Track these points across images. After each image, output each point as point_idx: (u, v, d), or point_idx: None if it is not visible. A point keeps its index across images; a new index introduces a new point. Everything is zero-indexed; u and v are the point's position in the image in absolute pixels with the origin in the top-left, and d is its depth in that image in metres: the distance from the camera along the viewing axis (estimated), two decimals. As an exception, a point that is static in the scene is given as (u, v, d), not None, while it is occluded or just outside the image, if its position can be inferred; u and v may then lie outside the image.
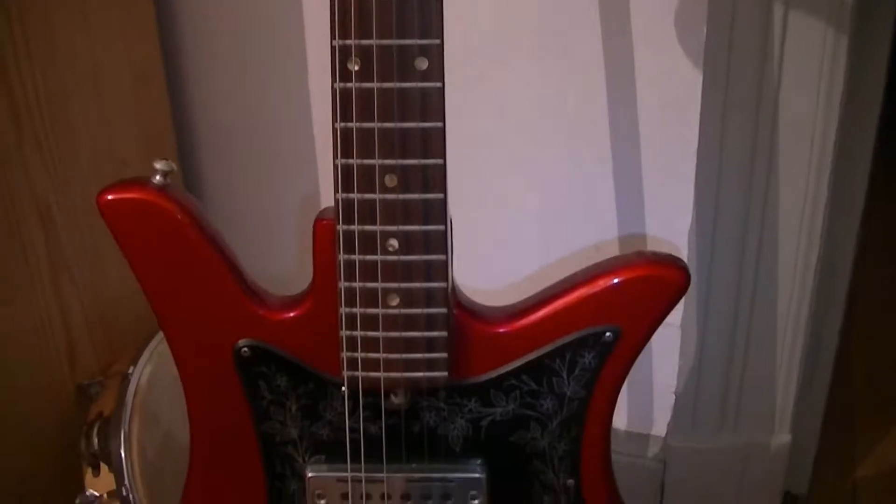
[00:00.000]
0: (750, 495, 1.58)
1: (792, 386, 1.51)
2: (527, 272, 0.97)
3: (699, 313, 1.44)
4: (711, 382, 1.49)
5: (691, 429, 1.54)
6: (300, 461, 0.95)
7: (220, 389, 0.93)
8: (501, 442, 0.93)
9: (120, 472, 1.29)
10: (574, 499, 0.95)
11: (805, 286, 1.41)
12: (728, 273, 1.40)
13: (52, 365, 1.39)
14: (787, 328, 1.45)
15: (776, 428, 1.54)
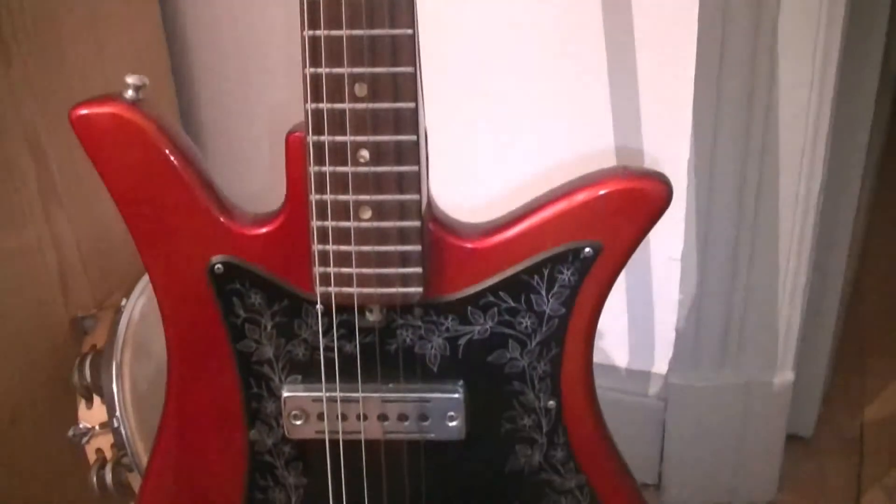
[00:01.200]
0: (753, 435, 1.56)
1: (795, 322, 1.49)
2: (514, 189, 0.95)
3: (699, 246, 1.41)
4: (712, 318, 1.47)
5: (692, 366, 1.52)
6: (276, 381, 0.93)
7: (195, 308, 0.92)
8: (480, 362, 0.91)
9: (111, 404, 1.29)
10: (555, 421, 0.94)
11: (807, 216, 1.39)
12: (728, 204, 1.38)
13: (46, 297, 1.38)
14: (790, 261, 1.42)
15: (779, 365, 1.52)
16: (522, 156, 1.44)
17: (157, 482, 1.02)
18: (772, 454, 1.59)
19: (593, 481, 0.97)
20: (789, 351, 1.51)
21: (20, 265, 1.34)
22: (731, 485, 1.61)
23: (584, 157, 1.38)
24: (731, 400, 1.53)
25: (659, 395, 1.56)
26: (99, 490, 1.29)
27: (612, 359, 1.55)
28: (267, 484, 0.98)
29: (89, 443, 1.33)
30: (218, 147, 1.68)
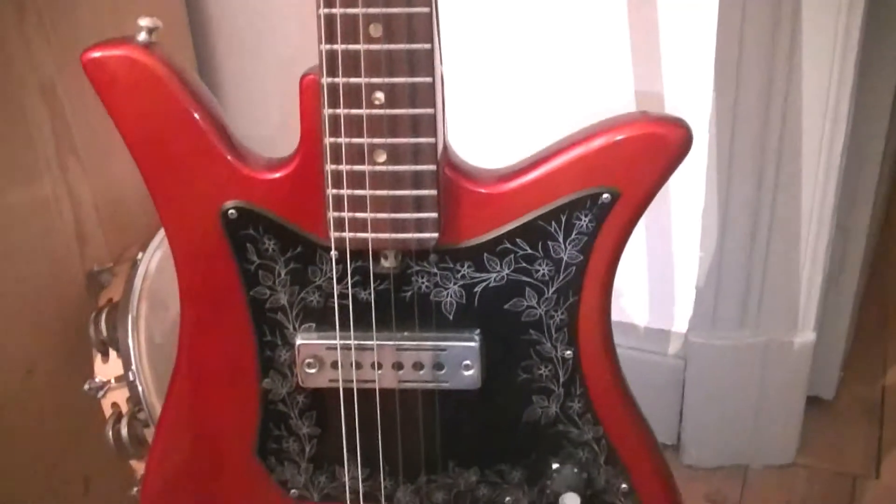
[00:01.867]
0: (773, 395, 1.55)
1: (817, 282, 1.47)
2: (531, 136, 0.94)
3: (720, 203, 1.40)
4: (733, 276, 1.45)
5: (712, 325, 1.50)
6: (290, 329, 0.92)
7: (209, 254, 0.91)
8: (496, 310, 0.90)
9: (127, 357, 1.28)
10: (572, 371, 0.92)
11: (830, 174, 1.37)
12: (750, 160, 1.36)
13: (61, 250, 1.38)
14: (812, 219, 1.41)
15: (800, 326, 1.50)
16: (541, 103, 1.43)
17: (169, 432, 1.01)
18: (791, 416, 1.58)
19: (610, 434, 0.95)
20: (810, 311, 1.49)
21: (36, 219, 1.33)
22: (750, 446, 1.60)
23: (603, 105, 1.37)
24: (751, 360, 1.51)
25: (678, 355, 1.54)
26: (115, 444, 1.29)
27: (631, 317, 1.54)
28: (280, 434, 0.97)
29: (105, 397, 1.32)
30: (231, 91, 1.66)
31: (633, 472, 0.97)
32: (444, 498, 0.98)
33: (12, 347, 1.33)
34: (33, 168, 1.32)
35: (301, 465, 0.98)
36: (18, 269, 1.32)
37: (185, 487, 1.04)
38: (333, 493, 0.99)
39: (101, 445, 1.27)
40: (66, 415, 1.40)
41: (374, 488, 0.99)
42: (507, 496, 0.98)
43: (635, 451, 0.97)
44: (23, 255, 1.32)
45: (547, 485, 0.97)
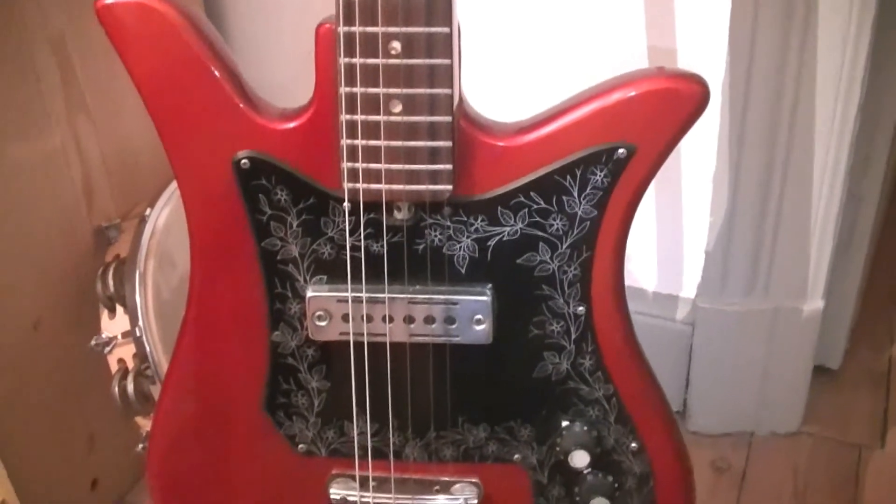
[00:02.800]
0: (780, 363, 1.55)
1: (826, 249, 1.47)
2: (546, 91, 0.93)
3: (731, 168, 1.39)
4: (743, 242, 1.45)
5: (721, 291, 1.50)
6: (301, 281, 0.92)
7: (220, 205, 0.90)
8: (509, 264, 0.90)
9: (134, 313, 1.28)
10: (584, 328, 0.92)
11: (843, 140, 1.36)
12: (762, 125, 1.35)
13: (69, 206, 1.37)
14: (823, 185, 1.40)
15: (809, 293, 1.50)
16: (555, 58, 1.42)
17: (176, 386, 1.01)
18: (798, 384, 1.58)
19: (621, 392, 0.95)
20: (820, 278, 1.49)
21: (44, 173, 1.33)
22: (756, 414, 1.60)
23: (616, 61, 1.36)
24: (759, 326, 1.51)
25: (686, 320, 1.54)
26: (120, 400, 1.29)
27: (639, 282, 1.54)
28: (289, 388, 0.97)
29: (111, 353, 1.32)
30: (245, 41, 1.65)
31: (643, 431, 0.97)
32: (453, 454, 0.98)
33: (19, 301, 1.33)
34: (42, 123, 1.31)
35: (309, 419, 0.98)
36: (26, 223, 1.31)
37: (192, 443, 1.03)
38: (342, 448, 0.99)
39: (107, 402, 1.27)
40: (72, 371, 1.40)
41: (383, 444, 0.98)
42: (516, 453, 0.98)
43: (646, 410, 0.96)
44: (31, 210, 1.32)
45: (556, 442, 0.97)
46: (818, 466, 1.61)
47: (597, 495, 0.98)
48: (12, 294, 1.32)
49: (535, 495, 1.00)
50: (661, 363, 0.96)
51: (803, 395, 1.61)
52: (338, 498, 1.00)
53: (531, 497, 1.00)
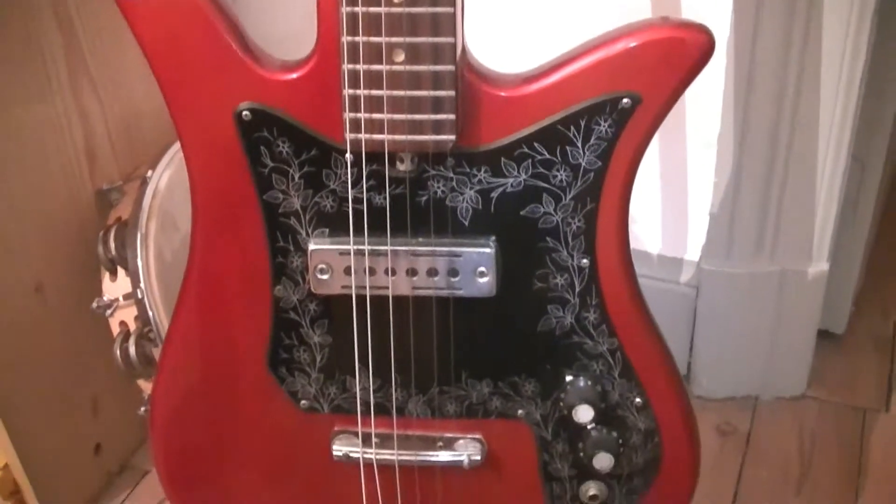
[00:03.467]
0: (785, 326, 1.54)
1: (832, 212, 1.46)
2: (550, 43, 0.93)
3: (736, 129, 1.38)
4: (748, 204, 1.44)
5: (726, 253, 1.49)
6: (303, 234, 0.91)
7: (222, 158, 0.90)
8: (512, 216, 0.89)
9: (135, 275, 1.27)
10: (588, 281, 0.91)
11: (849, 102, 1.35)
12: (768, 85, 1.34)
13: (71, 168, 1.37)
14: (829, 147, 1.39)
15: (814, 256, 1.49)
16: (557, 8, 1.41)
17: (178, 345, 1.00)
18: (803, 347, 1.57)
19: (626, 346, 0.94)
20: (825, 241, 1.48)
21: (46, 136, 1.32)
22: (761, 378, 1.60)
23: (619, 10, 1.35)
24: (764, 289, 1.50)
25: (690, 283, 1.53)
26: (123, 363, 1.28)
27: (643, 245, 1.53)
28: (291, 343, 0.96)
29: (113, 315, 1.31)
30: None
31: (648, 386, 0.96)
32: (456, 410, 0.98)
33: (21, 264, 1.32)
34: (44, 86, 1.31)
35: (311, 375, 0.98)
36: (28, 186, 1.31)
37: (194, 401, 1.03)
38: (344, 404, 0.99)
39: (110, 365, 1.27)
40: (75, 334, 1.40)
41: (386, 399, 0.98)
42: (520, 409, 0.98)
43: (650, 365, 0.96)
44: (32, 172, 1.31)
45: (560, 397, 0.96)
46: (823, 430, 1.60)
47: (601, 451, 0.98)
48: (14, 257, 1.31)
49: (539, 451, 1.00)
50: (665, 327, 0.96)
51: (808, 359, 1.60)
52: (340, 454, 1.00)
53: (535, 453, 1.00)
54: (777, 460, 1.55)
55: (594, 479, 1.01)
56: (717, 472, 1.52)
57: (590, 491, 1.01)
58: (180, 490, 1.09)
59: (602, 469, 0.98)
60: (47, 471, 1.41)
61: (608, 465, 0.98)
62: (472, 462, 0.99)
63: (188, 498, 1.10)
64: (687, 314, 1.55)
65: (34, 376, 1.36)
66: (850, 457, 1.55)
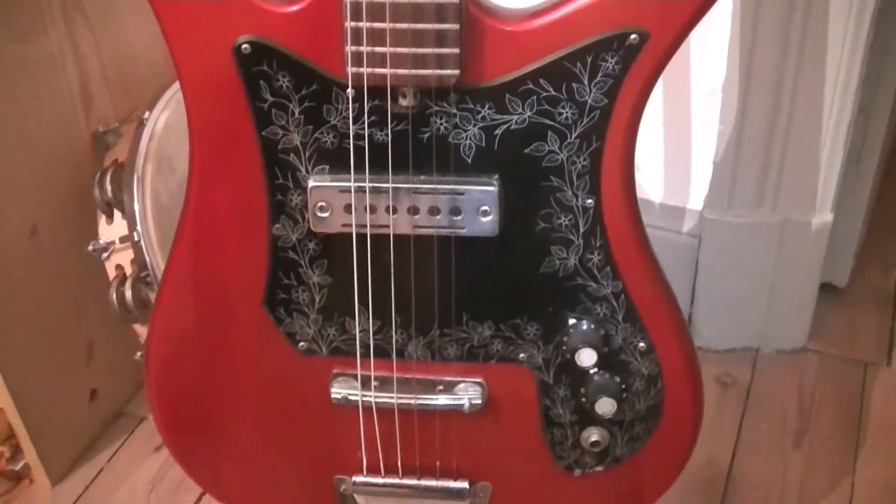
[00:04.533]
0: (787, 277, 1.53)
1: (836, 162, 1.44)
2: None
3: (741, 76, 1.36)
4: (752, 153, 1.42)
5: (729, 203, 1.48)
6: (303, 171, 0.89)
7: (221, 93, 0.88)
8: (517, 154, 0.87)
9: (132, 218, 1.26)
10: (593, 221, 0.90)
11: (856, 50, 1.34)
12: (774, 32, 1.32)
13: (66, 109, 1.35)
14: (835, 97, 1.37)
15: (818, 206, 1.48)
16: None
17: (174, 285, 0.99)
18: (805, 299, 1.56)
19: (630, 288, 0.93)
20: (829, 192, 1.47)
21: (40, 76, 1.30)
22: (762, 329, 1.58)
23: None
24: (767, 239, 1.49)
25: (692, 233, 1.52)
26: (118, 307, 1.27)
27: (645, 193, 1.51)
28: (290, 283, 0.95)
29: (109, 259, 1.30)
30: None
31: (652, 330, 0.95)
32: (457, 353, 0.96)
33: (15, 207, 1.31)
34: (38, 25, 1.29)
35: (310, 316, 0.96)
36: (22, 127, 1.29)
37: (190, 343, 1.02)
38: (343, 346, 0.97)
39: (105, 310, 1.26)
40: (70, 278, 1.38)
41: (385, 342, 0.96)
42: (522, 352, 0.96)
43: (655, 309, 0.94)
44: (27, 113, 1.29)
45: (563, 341, 0.95)
46: (824, 383, 1.60)
47: (603, 396, 0.97)
48: (8, 199, 1.30)
49: (541, 396, 0.99)
50: (666, 275, 0.94)
51: (810, 312, 1.59)
52: (339, 397, 0.99)
53: (536, 398, 0.99)
54: (777, 413, 1.54)
55: (596, 425, 1.00)
56: (717, 424, 1.51)
57: (591, 437, 0.99)
58: (177, 436, 1.08)
59: (604, 415, 0.97)
60: (42, 417, 1.41)
61: (610, 411, 0.97)
62: (472, 406, 0.97)
63: (185, 444, 1.09)
64: (689, 264, 1.53)
65: (28, 321, 1.35)
66: (851, 410, 1.55)
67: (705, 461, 1.45)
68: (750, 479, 1.45)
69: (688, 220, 1.51)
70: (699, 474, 1.44)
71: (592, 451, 1.01)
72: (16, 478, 1.49)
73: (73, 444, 1.50)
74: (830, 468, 1.46)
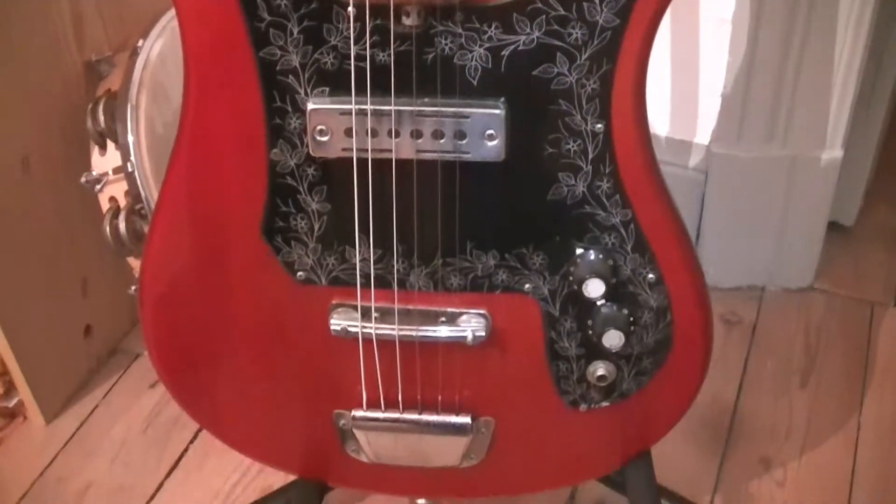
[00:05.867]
0: (795, 214, 1.50)
1: (848, 99, 1.41)
2: None
3: (753, 6, 1.32)
4: (762, 85, 1.39)
5: (737, 137, 1.44)
6: (302, 93, 0.86)
7: (216, 11, 0.84)
8: (524, 76, 0.84)
9: (125, 148, 1.23)
10: (602, 147, 0.86)
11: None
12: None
13: (57, 38, 1.32)
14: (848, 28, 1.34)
15: (828, 142, 1.45)
16: None
17: (169, 213, 0.96)
18: (812, 238, 1.54)
19: (639, 218, 0.90)
20: (840, 127, 1.43)
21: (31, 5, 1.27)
22: (768, 268, 1.56)
23: None
24: (776, 174, 1.46)
25: (699, 168, 1.49)
26: (112, 240, 1.25)
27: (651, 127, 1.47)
28: (288, 211, 0.92)
29: (102, 191, 1.28)
30: None
31: (662, 261, 0.92)
32: (460, 283, 0.93)
33: (6, 138, 1.29)
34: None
35: (309, 245, 0.93)
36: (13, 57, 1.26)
37: (185, 274, 0.98)
38: (342, 276, 0.94)
39: (99, 243, 1.23)
40: (64, 212, 1.36)
41: (387, 271, 0.93)
42: (527, 283, 0.93)
43: (665, 239, 0.91)
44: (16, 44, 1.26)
45: (570, 271, 0.92)
46: (830, 323, 1.58)
47: (611, 328, 0.94)
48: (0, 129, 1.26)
49: (546, 328, 0.96)
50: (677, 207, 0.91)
51: (817, 250, 1.57)
52: (338, 329, 0.96)
53: (542, 330, 0.96)
54: (783, 352, 1.52)
55: (602, 358, 0.97)
56: (722, 363, 1.49)
57: (598, 371, 0.97)
58: (173, 371, 1.05)
59: (611, 348, 0.94)
60: (36, 353, 1.39)
61: (618, 344, 0.94)
62: (475, 338, 0.95)
63: (181, 379, 1.06)
64: (695, 200, 1.51)
65: (20, 254, 1.33)
66: (857, 350, 1.53)
67: (710, 400, 1.43)
68: (755, 417, 1.43)
69: (694, 154, 1.48)
70: (704, 413, 1.42)
71: (598, 385, 0.98)
72: (9, 415, 1.47)
73: (67, 380, 1.49)
74: (836, 407, 1.45)
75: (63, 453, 1.44)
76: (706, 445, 1.40)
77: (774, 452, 1.39)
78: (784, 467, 1.38)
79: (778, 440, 1.41)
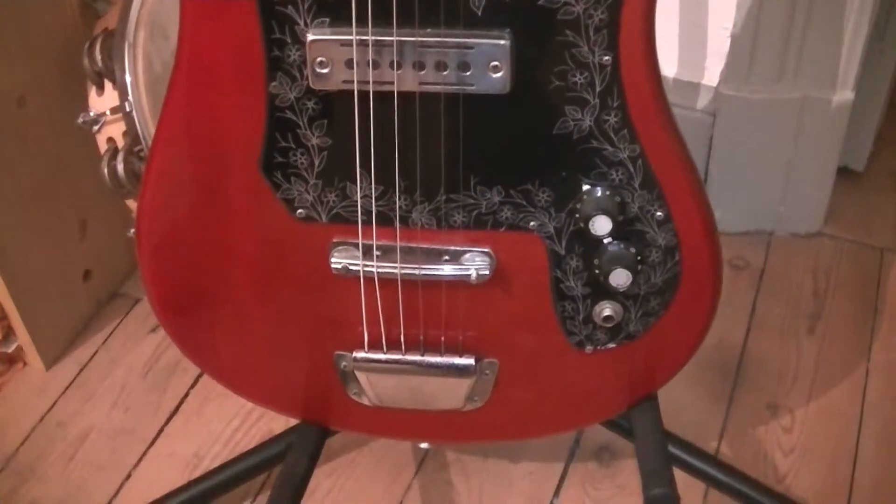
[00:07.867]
0: (805, 157, 1.48)
1: (860, 40, 1.38)
2: None
3: (763, -59, 1.30)
4: (772, 23, 1.36)
5: (746, 77, 1.42)
6: (301, 24, 0.83)
7: (212, -62, 0.81)
8: (530, 6, 0.81)
9: (123, 88, 1.20)
10: (610, 79, 0.84)
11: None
12: None
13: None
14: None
15: (839, 84, 1.42)
16: None
17: (166, 150, 0.93)
18: (821, 182, 1.51)
19: (648, 153, 0.88)
20: (851, 68, 1.41)
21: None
22: (777, 212, 1.54)
23: None
24: (786, 116, 1.43)
25: (707, 109, 1.46)
26: (110, 181, 1.22)
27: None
28: (287, 146, 0.89)
29: (100, 131, 1.25)
30: None
31: (670, 199, 0.90)
32: (464, 220, 0.91)
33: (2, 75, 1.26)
34: None
35: (309, 181, 0.91)
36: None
37: (183, 213, 0.96)
38: (343, 213, 0.92)
39: (97, 187, 1.21)
40: (61, 152, 1.34)
41: (388, 208, 0.91)
42: (532, 220, 0.91)
43: (674, 177, 0.89)
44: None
45: (576, 208, 0.90)
46: (839, 269, 1.56)
47: (618, 267, 0.92)
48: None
49: (552, 267, 0.94)
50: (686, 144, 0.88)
51: (826, 195, 1.55)
52: (339, 267, 0.94)
53: (547, 269, 0.94)
54: (791, 297, 1.50)
55: (609, 298, 0.95)
56: (730, 308, 1.48)
57: (604, 311, 0.95)
58: (172, 313, 1.04)
59: (618, 287, 0.92)
60: (35, 297, 1.37)
61: (625, 283, 0.92)
62: (479, 276, 0.93)
63: (181, 322, 1.05)
64: (703, 142, 1.48)
65: (17, 196, 1.31)
66: (866, 297, 1.51)
67: (717, 343, 1.42)
68: (763, 362, 1.41)
69: (702, 95, 1.46)
70: (711, 357, 1.41)
71: (605, 326, 0.96)
72: (8, 360, 1.46)
73: (66, 326, 1.47)
74: (845, 353, 1.43)
75: (63, 398, 1.42)
76: (713, 391, 1.38)
77: (782, 398, 1.38)
78: (791, 413, 1.36)
79: (785, 385, 1.39)
